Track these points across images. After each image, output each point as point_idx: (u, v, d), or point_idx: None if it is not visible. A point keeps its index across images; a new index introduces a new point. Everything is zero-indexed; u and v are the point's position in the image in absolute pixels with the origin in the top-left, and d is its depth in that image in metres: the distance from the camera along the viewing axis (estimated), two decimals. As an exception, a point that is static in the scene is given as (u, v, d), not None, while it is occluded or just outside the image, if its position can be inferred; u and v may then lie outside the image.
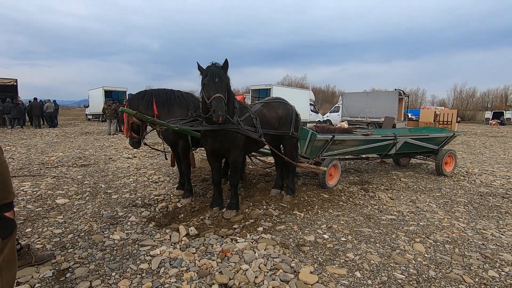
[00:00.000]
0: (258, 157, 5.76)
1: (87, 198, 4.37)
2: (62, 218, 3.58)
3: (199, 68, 3.30)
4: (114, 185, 5.07)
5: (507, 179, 6.35)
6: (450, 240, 3.30)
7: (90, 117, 24.30)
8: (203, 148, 4.69)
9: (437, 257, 2.90)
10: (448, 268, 2.71)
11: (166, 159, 4.34)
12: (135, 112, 3.58)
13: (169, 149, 4.54)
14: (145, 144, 4.21)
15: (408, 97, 21.12)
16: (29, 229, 3.25)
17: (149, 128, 4.09)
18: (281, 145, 4.60)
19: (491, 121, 35.25)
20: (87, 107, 25.06)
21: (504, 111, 38.63)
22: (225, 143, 3.54)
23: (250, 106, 4.13)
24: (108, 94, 22.24)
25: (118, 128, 13.92)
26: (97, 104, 22.11)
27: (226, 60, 3.31)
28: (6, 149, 8.52)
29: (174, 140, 4.05)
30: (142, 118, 3.67)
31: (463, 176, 6.50)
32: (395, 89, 19.36)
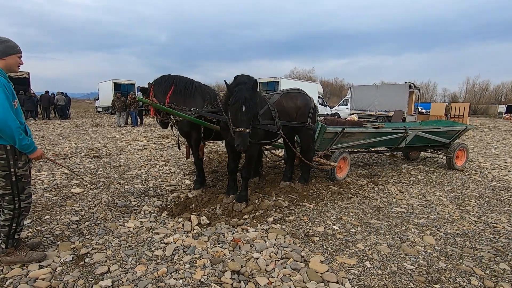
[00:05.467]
0: (268, 150, 5.79)
1: (101, 187, 4.49)
2: (78, 207, 3.70)
3: (227, 85, 3.28)
4: (126, 176, 5.18)
5: (520, 173, 6.24)
6: (460, 233, 3.30)
7: (100, 109, 24.62)
8: (212, 141, 4.75)
9: (448, 249, 2.91)
10: (459, 260, 2.72)
11: (179, 149, 4.39)
12: (151, 102, 3.63)
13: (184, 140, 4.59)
14: (171, 127, 4.28)
15: (419, 90, 20.72)
16: (47, 216, 3.37)
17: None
18: (296, 137, 4.62)
19: (504, 115, 34.35)
20: (97, 99, 25.38)
21: (518, 105, 37.55)
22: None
23: (269, 97, 4.14)
24: (117, 86, 22.46)
25: (127, 120, 14.11)
26: (106, 96, 22.38)
27: (255, 81, 3.27)
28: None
29: (188, 131, 4.10)
30: (158, 108, 3.72)
31: (475, 170, 6.42)
32: (406, 82, 18.99)
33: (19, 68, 2.44)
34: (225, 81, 3.32)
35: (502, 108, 39.54)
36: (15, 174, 2.29)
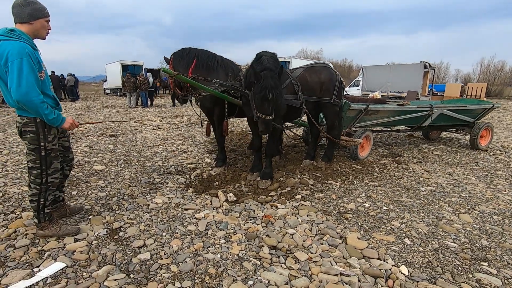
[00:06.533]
0: (288, 129, 5.66)
1: (123, 165, 4.45)
2: (103, 183, 3.67)
3: (253, 69, 3.12)
4: (145, 154, 5.13)
5: (548, 154, 6.02)
6: (497, 212, 3.18)
7: (108, 91, 24.52)
8: (236, 118, 4.63)
9: (487, 228, 2.81)
10: (501, 238, 2.62)
11: (201, 126, 4.27)
12: (175, 74, 3.47)
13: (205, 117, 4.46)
14: (191, 102, 4.16)
15: (434, 70, 20.04)
16: (74, 192, 3.35)
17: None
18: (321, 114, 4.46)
19: (520, 97, 33.31)
20: (105, 81, 25.22)
21: (535, 86, 36.27)
22: None
23: (291, 71, 3.96)
24: (125, 68, 22.20)
25: (137, 101, 14.01)
26: (114, 78, 22.21)
27: (281, 68, 3.11)
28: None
29: (211, 107, 3.95)
30: (182, 80, 3.57)
31: (499, 151, 6.21)
32: (421, 62, 18.35)
33: (47, 34, 2.27)
34: (252, 64, 3.17)
35: (517, 90, 38.28)
36: (44, 148, 2.21)
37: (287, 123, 4.82)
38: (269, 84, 2.96)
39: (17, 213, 2.81)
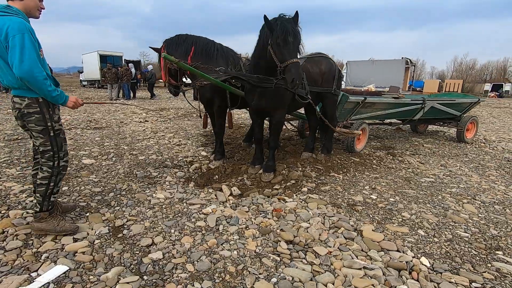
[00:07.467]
0: (287, 121, 5.55)
1: (114, 159, 4.18)
2: (95, 177, 3.41)
3: (266, 21, 2.81)
4: (136, 147, 4.87)
5: (528, 146, 6.33)
6: (497, 201, 3.26)
7: (85, 83, 23.37)
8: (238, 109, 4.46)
9: (492, 217, 2.86)
10: (507, 227, 2.67)
11: (201, 117, 4.07)
12: (177, 60, 3.23)
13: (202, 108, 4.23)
14: (183, 93, 3.93)
15: (415, 66, 20.66)
16: (65, 188, 3.08)
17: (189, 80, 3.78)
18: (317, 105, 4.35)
19: (490, 94, 35.15)
20: (82, 72, 23.99)
21: (503, 84, 38.42)
22: (273, 101, 3.30)
23: None
24: (103, 58, 21.18)
25: (119, 93, 13.40)
26: (92, 69, 21.19)
27: (296, 12, 2.85)
28: (9, 112, 8.12)
29: (210, 97, 3.75)
30: (184, 68, 3.34)
31: (483, 143, 6.45)
32: (402, 58, 18.85)
33: (40, 13, 2.06)
34: (265, 15, 2.81)
35: (487, 87, 40.35)
36: (52, 129, 2.09)
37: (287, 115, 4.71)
38: (288, 27, 2.71)
39: (2, 212, 2.53)
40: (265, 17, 2.79)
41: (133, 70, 14.59)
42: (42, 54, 1.98)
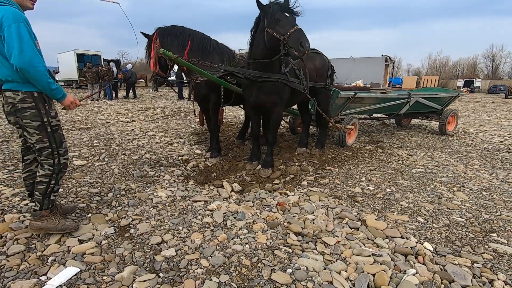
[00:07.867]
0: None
1: (106, 159, 4.06)
2: (90, 178, 3.30)
3: (259, 4, 2.83)
4: (128, 147, 4.75)
5: (503, 137, 6.73)
6: (484, 188, 3.45)
7: (62, 83, 22.36)
8: (230, 106, 4.44)
9: (481, 203, 3.03)
10: (497, 211, 2.84)
11: (195, 115, 4.01)
12: (176, 57, 3.16)
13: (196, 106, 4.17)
14: (170, 85, 3.84)
15: (394, 63, 21.35)
16: (60, 190, 2.95)
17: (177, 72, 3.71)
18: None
19: (462, 89, 36.98)
20: (57, 73, 22.94)
21: (474, 80, 40.53)
22: (271, 96, 3.32)
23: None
24: (81, 58, 20.40)
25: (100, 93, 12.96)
26: (69, 69, 20.36)
27: None
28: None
29: (206, 94, 3.72)
30: (183, 64, 3.26)
31: (463, 135, 6.79)
32: (382, 55, 19.43)
33: (33, 4, 1.97)
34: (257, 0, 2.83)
35: (460, 83, 42.44)
36: (49, 125, 1.99)
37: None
38: (283, 4, 2.77)
39: (-4, 217, 2.41)
40: (257, 1, 2.82)
41: (114, 69, 14.15)
42: (38, 45, 1.90)
